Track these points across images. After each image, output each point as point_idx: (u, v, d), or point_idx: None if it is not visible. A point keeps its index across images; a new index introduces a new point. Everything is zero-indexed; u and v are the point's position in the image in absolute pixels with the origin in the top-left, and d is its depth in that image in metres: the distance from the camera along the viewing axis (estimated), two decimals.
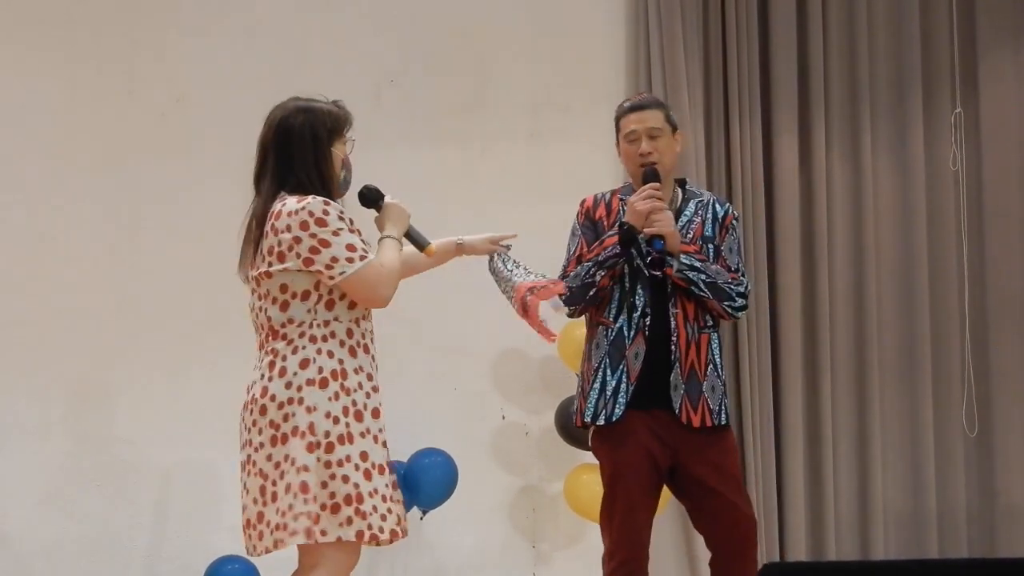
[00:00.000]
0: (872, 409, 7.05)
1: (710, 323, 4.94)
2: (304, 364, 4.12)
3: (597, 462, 6.49)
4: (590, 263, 4.93)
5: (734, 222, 5.08)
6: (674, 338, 4.87)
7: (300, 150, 4.26)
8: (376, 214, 4.39)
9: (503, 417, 6.81)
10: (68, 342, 6.44)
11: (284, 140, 4.27)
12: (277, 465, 4.08)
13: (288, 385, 4.10)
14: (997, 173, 7.34)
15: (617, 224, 4.94)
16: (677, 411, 4.85)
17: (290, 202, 4.15)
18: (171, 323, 6.49)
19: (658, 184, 4.90)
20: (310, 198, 4.15)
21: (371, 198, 4.41)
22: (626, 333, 4.90)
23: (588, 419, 4.95)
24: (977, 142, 7.35)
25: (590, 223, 5.07)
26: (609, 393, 4.89)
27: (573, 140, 6.96)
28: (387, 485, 4.15)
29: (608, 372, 4.91)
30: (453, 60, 6.89)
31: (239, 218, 4.30)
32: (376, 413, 4.17)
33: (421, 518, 6.33)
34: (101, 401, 6.42)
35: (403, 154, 6.66)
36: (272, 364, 4.14)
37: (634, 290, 4.91)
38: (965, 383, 7.16)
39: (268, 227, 4.17)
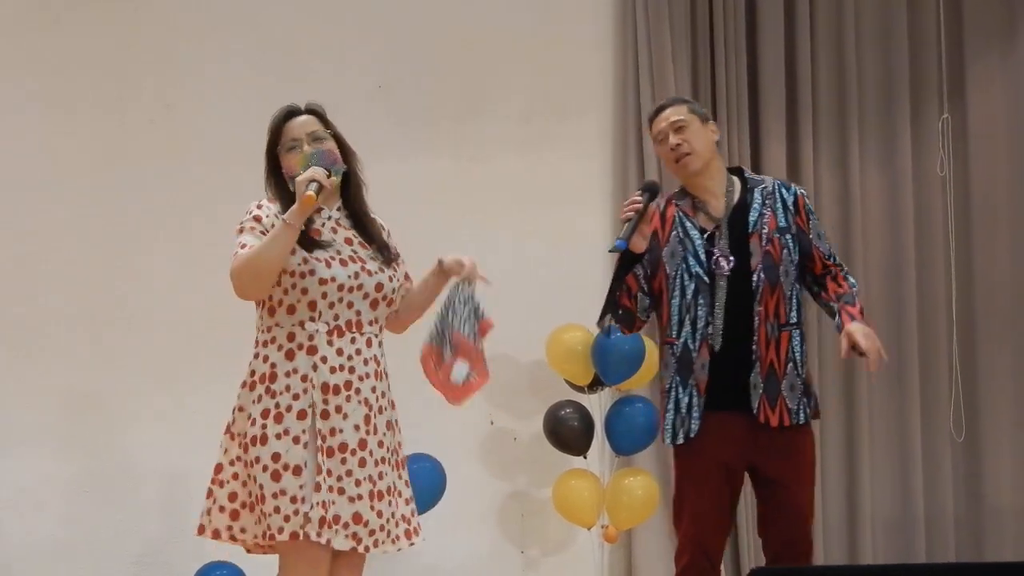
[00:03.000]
0: (860, 413, 7.06)
1: (793, 320, 4.89)
2: (248, 367, 4.30)
3: (585, 467, 6.54)
4: (612, 282, 4.91)
5: (808, 203, 5.03)
6: (755, 337, 4.83)
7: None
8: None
9: (491, 423, 6.81)
10: (58, 346, 6.43)
11: None
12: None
13: (241, 384, 4.32)
14: (985, 178, 7.36)
15: (669, 234, 4.91)
16: (755, 411, 4.82)
17: None
18: (163, 328, 6.49)
19: (640, 194, 4.80)
20: (259, 201, 4.36)
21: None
22: (691, 346, 4.86)
23: (668, 441, 4.93)
24: (965, 148, 7.36)
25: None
26: (684, 411, 4.86)
27: (564, 148, 6.97)
28: (302, 486, 4.16)
29: (680, 390, 4.88)
30: (444, 68, 6.89)
31: (229, 223, 4.31)
32: (303, 414, 4.19)
33: None
34: (90, 406, 6.41)
35: (394, 161, 6.66)
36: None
37: (695, 302, 4.86)
38: (952, 387, 7.18)
39: None
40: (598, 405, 6.59)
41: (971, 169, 7.36)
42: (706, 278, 4.84)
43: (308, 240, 4.28)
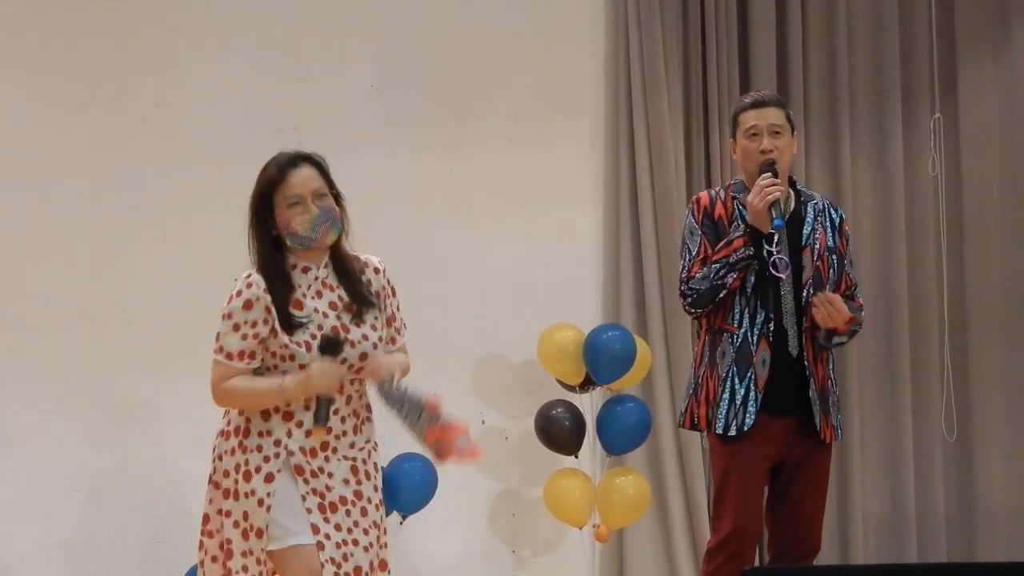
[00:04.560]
0: (851, 414, 7.06)
1: (832, 340, 4.97)
2: (224, 415, 4.28)
3: (577, 467, 6.53)
4: (718, 265, 4.86)
5: (848, 228, 5.12)
6: (806, 354, 4.89)
7: (249, 219, 4.28)
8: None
9: (483, 422, 6.80)
10: (54, 346, 6.41)
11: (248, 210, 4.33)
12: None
13: (218, 433, 4.31)
14: (976, 178, 7.36)
15: (742, 226, 4.88)
16: (818, 427, 4.91)
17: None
18: (155, 328, 6.48)
19: (770, 175, 4.82)
20: (242, 276, 4.21)
21: (325, 349, 4.22)
22: (751, 339, 4.87)
23: (720, 430, 4.89)
24: (956, 147, 7.36)
25: (710, 223, 4.96)
26: (739, 402, 4.86)
27: (557, 148, 6.96)
28: (263, 550, 4.14)
29: (736, 380, 4.88)
30: (438, 68, 6.88)
31: (220, 223, 4.32)
32: (270, 478, 4.14)
33: (401, 523, 6.33)
34: (84, 406, 6.40)
35: (385, 162, 6.66)
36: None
37: (756, 295, 4.87)
38: (944, 387, 7.17)
39: None
40: (589, 405, 6.59)
41: (963, 169, 7.35)
42: (768, 274, 4.87)
43: (289, 321, 4.19)
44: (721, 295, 4.87)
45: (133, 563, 6.43)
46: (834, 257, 4.99)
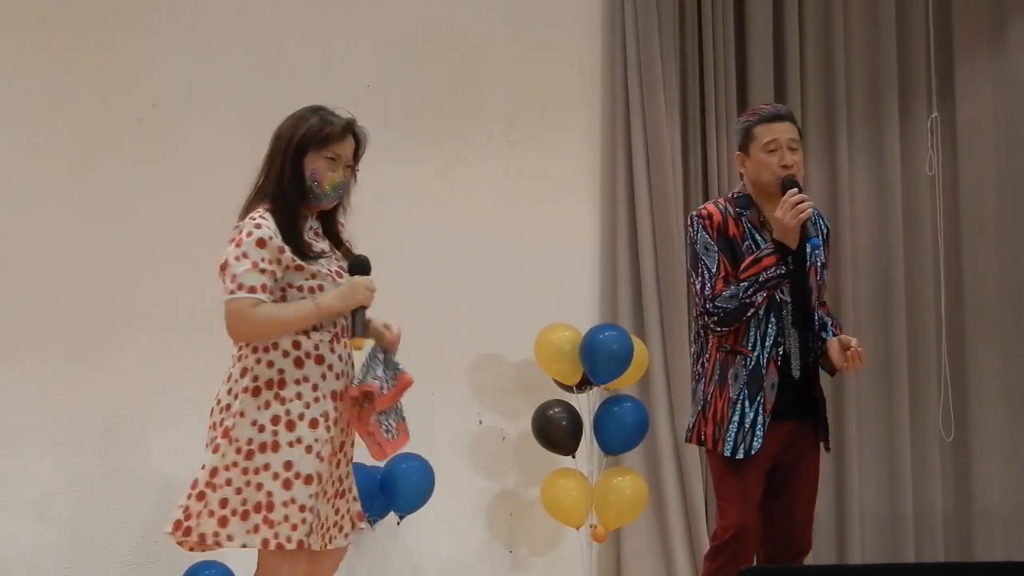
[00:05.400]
0: (849, 413, 7.06)
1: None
2: (243, 372, 4.28)
3: (574, 467, 6.52)
4: (747, 283, 4.82)
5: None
6: (811, 371, 4.95)
7: (274, 155, 4.38)
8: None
9: (480, 422, 6.80)
10: (43, 347, 6.41)
11: (272, 144, 4.40)
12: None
13: (229, 391, 4.29)
14: (973, 178, 7.36)
15: (770, 243, 4.85)
16: (825, 434, 5.00)
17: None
18: (148, 328, 6.47)
19: (797, 191, 4.80)
20: (256, 214, 4.28)
21: (356, 268, 4.42)
22: (763, 362, 4.87)
23: (728, 453, 4.88)
24: (953, 147, 7.36)
25: (725, 240, 4.90)
26: (747, 426, 4.86)
27: (552, 147, 6.96)
28: (312, 496, 4.21)
29: (747, 404, 4.88)
30: (433, 68, 6.88)
31: (215, 222, 4.31)
32: (314, 423, 4.23)
33: (398, 523, 6.33)
34: (77, 406, 6.40)
35: (382, 161, 6.61)
36: (228, 375, 4.33)
37: (767, 317, 4.87)
38: (941, 387, 7.17)
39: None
40: (586, 405, 6.58)
41: (960, 169, 7.35)
42: (776, 298, 4.87)
43: (308, 253, 4.32)
44: (748, 313, 4.85)
45: (129, 563, 6.42)
46: (824, 272, 5.02)
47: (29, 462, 6.35)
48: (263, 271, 4.23)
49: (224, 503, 4.22)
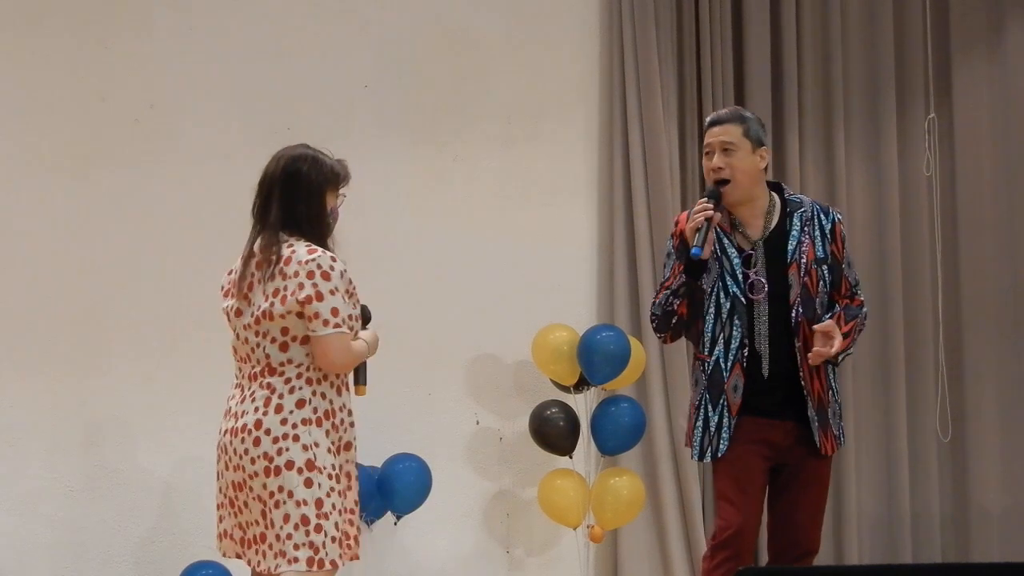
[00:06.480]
0: (846, 413, 7.03)
1: None
2: (300, 404, 4.41)
3: (571, 467, 6.53)
4: (668, 291, 4.89)
5: (843, 229, 5.04)
6: (801, 373, 4.85)
7: (305, 196, 4.48)
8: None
9: (477, 422, 6.80)
10: (40, 347, 6.40)
11: (291, 183, 4.48)
12: (272, 494, 4.36)
13: (284, 421, 4.39)
14: (970, 178, 7.37)
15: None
16: (818, 444, 4.88)
17: (300, 250, 4.39)
18: (144, 330, 6.47)
19: (706, 200, 4.80)
20: (320, 251, 4.41)
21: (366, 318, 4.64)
22: (723, 366, 4.85)
23: (696, 457, 4.93)
24: (951, 147, 7.37)
25: (684, 246, 4.87)
26: (712, 429, 4.86)
27: (550, 147, 6.96)
28: (351, 509, 4.53)
29: (709, 408, 4.88)
30: (431, 67, 6.88)
31: (212, 224, 4.32)
32: (348, 446, 4.52)
33: (395, 523, 6.33)
34: (73, 406, 6.39)
35: (379, 161, 6.65)
36: (268, 400, 4.41)
37: (731, 321, 4.84)
38: (939, 388, 7.17)
39: (275, 270, 4.39)
40: (584, 405, 6.59)
41: (957, 169, 7.36)
42: (743, 300, 4.84)
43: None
44: (674, 320, 4.90)
45: (128, 564, 6.42)
46: (824, 268, 4.92)
47: (31, 462, 6.35)
48: (350, 303, 4.46)
49: (337, 527, 4.41)
